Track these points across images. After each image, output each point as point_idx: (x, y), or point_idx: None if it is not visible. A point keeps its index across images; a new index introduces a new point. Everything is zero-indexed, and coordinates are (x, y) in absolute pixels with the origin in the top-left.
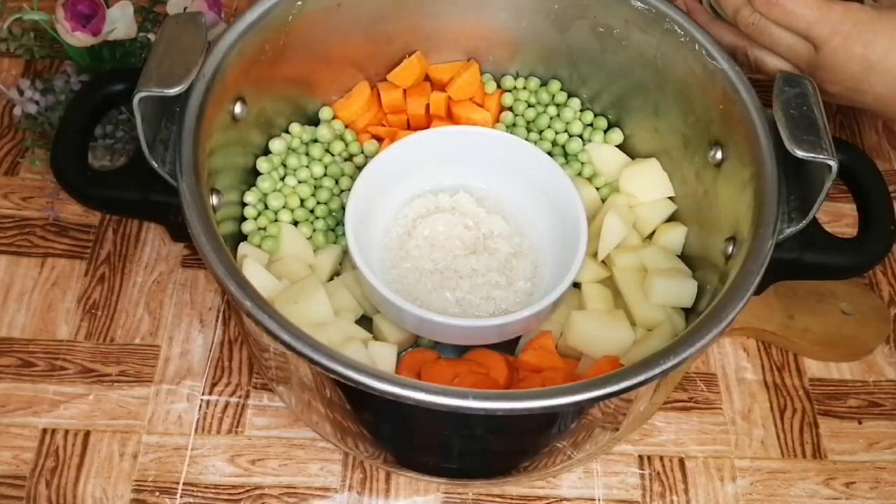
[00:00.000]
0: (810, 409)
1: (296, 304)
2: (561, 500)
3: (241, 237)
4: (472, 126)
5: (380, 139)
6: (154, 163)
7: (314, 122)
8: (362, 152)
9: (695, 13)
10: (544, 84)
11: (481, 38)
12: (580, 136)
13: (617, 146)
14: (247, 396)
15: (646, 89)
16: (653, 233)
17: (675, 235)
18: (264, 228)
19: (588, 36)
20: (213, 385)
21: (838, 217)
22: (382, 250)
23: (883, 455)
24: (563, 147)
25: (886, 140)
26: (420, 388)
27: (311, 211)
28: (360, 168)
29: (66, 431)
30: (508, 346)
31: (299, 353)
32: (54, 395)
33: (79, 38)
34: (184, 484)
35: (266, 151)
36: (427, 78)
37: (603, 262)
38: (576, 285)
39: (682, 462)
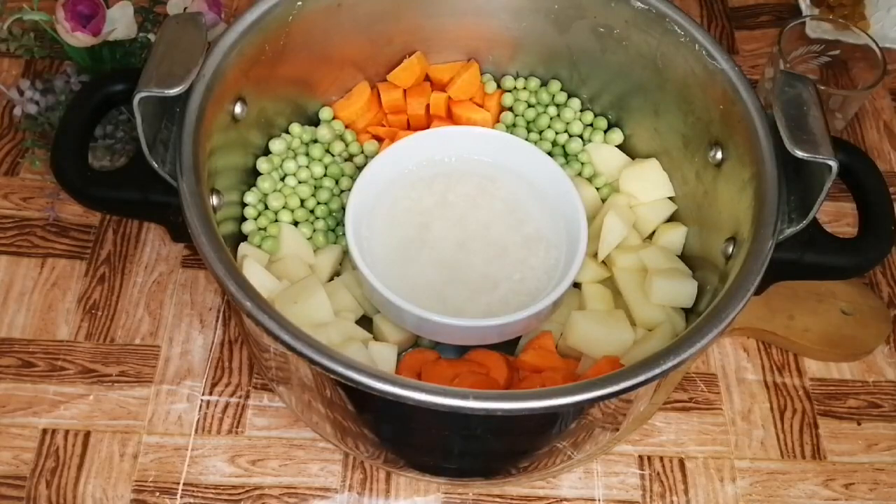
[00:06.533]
0: (810, 410)
1: (296, 305)
2: (561, 500)
3: (241, 237)
4: (472, 126)
5: (380, 139)
6: (154, 163)
7: (314, 122)
8: (362, 152)
9: None
10: (544, 84)
11: (481, 38)
12: (580, 136)
13: (617, 146)
14: (247, 397)
15: (646, 89)
16: (653, 233)
17: (675, 235)
18: (264, 228)
19: (588, 36)
20: (214, 385)
21: (838, 217)
22: (382, 250)
23: (882, 456)
24: (563, 147)
25: (887, 140)
26: (420, 388)
27: (312, 211)
28: (360, 168)
29: (67, 432)
30: (508, 346)
31: (299, 354)
32: (54, 396)
33: (79, 38)
34: (184, 484)
35: (266, 152)
36: (427, 78)
37: (603, 262)
38: (576, 285)
39: (682, 462)
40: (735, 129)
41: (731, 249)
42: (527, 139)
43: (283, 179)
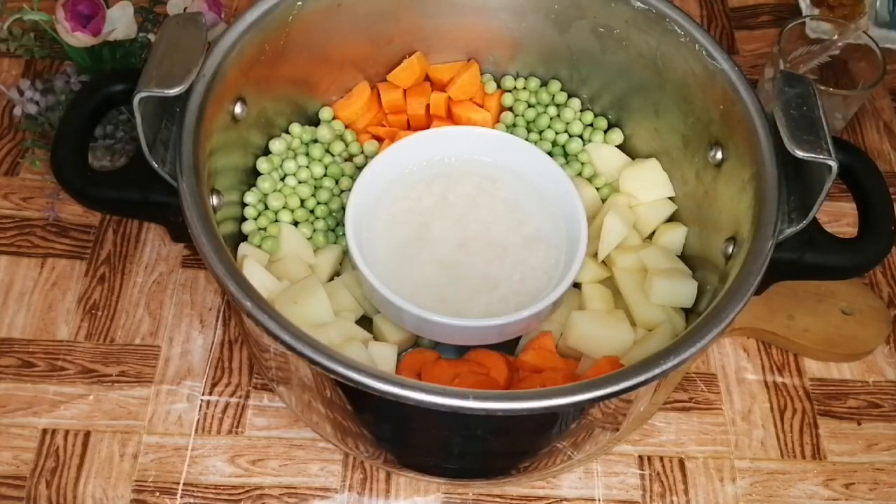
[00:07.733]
0: (810, 410)
1: (296, 305)
2: (561, 500)
3: (242, 237)
4: (472, 126)
5: (380, 139)
6: (154, 163)
7: (314, 122)
8: (362, 152)
9: None
10: (544, 84)
11: (481, 38)
12: (580, 137)
13: (617, 146)
14: (247, 397)
15: (646, 89)
16: (653, 233)
17: (675, 235)
18: (264, 229)
19: (588, 36)
20: (214, 385)
21: (838, 217)
22: (382, 250)
23: (882, 456)
24: (563, 147)
25: (887, 140)
26: (420, 388)
27: (312, 211)
28: (360, 168)
29: (67, 432)
30: (508, 346)
31: (299, 354)
32: (54, 396)
33: (79, 39)
34: (184, 484)
35: (266, 152)
36: (427, 78)
37: (603, 262)
38: (576, 285)
39: (682, 462)
40: (735, 129)
41: (731, 249)
42: (527, 139)
43: (283, 179)
